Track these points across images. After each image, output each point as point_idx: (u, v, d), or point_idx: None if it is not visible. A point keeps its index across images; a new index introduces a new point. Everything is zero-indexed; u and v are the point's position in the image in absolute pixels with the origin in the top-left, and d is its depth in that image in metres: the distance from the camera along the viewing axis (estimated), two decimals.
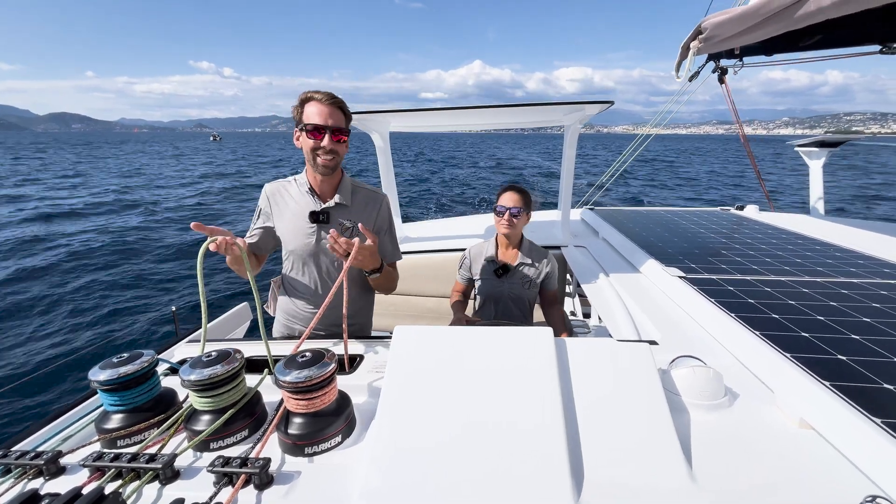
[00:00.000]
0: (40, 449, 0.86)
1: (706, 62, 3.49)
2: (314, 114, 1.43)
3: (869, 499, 0.65)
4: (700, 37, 2.27)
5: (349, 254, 1.28)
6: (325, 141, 1.44)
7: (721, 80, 3.67)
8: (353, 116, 2.38)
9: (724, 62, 3.45)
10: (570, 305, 3.84)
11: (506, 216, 1.94)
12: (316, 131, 1.43)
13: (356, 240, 1.29)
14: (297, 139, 1.50)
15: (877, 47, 2.43)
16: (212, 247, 1.23)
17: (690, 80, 3.52)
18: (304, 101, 1.46)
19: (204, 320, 1.22)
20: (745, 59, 3.11)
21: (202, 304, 1.18)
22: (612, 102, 2.15)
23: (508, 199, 1.96)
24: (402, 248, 2.99)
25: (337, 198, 1.56)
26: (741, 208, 3.60)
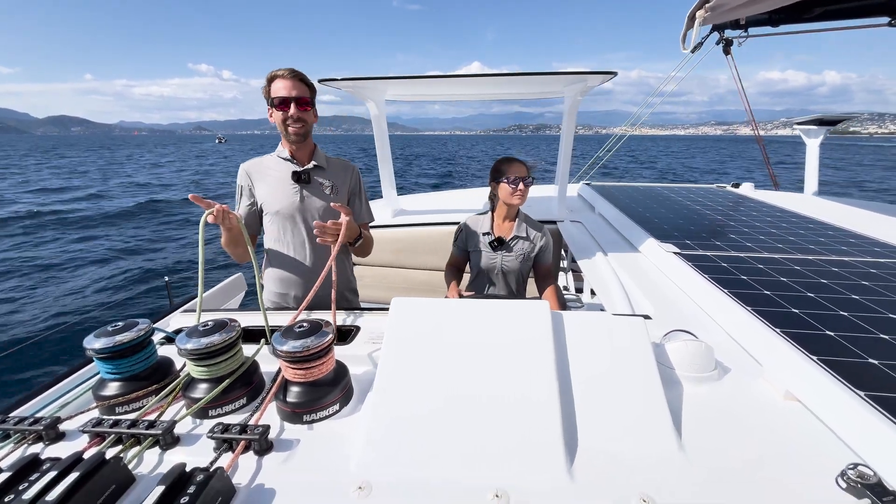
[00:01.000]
0: (38, 415, 0.87)
1: (710, 33, 3.40)
2: (279, 88, 1.55)
3: (850, 466, 0.67)
4: (707, 5, 2.19)
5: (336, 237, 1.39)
6: (292, 110, 1.56)
7: (726, 52, 3.59)
8: (351, 84, 2.34)
9: (728, 33, 3.36)
10: (564, 280, 3.87)
11: (521, 185, 1.90)
12: (283, 104, 1.56)
13: (343, 219, 1.42)
14: (271, 115, 1.63)
15: (885, 19, 2.37)
16: (210, 219, 1.30)
17: (693, 51, 3.44)
18: (270, 80, 1.58)
19: (200, 290, 1.22)
20: (750, 29, 3.03)
21: (200, 275, 1.19)
22: (614, 73, 2.10)
23: (519, 170, 1.91)
24: (398, 220, 2.99)
25: (315, 161, 1.71)
26: (737, 186, 3.60)
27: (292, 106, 1.55)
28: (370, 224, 1.92)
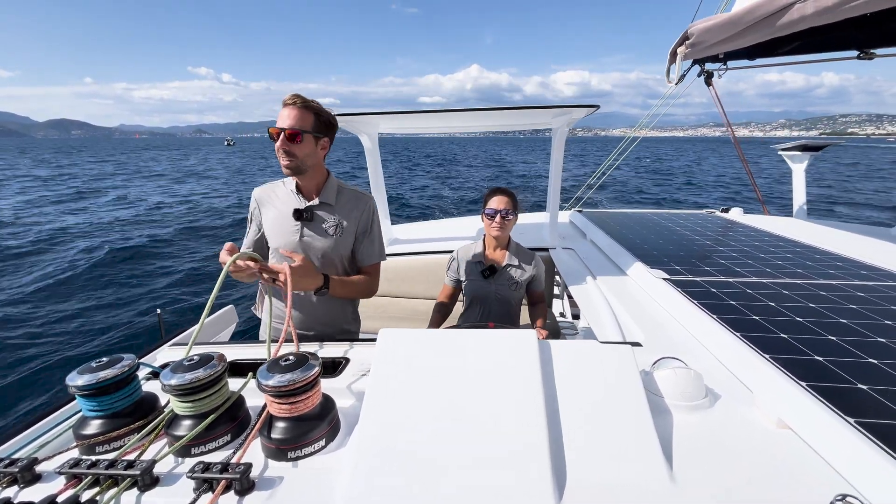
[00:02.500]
0: (15, 456, 0.84)
1: (691, 66, 3.55)
2: (279, 117, 1.47)
3: (839, 497, 0.66)
4: (687, 42, 2.31)
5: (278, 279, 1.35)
6: (279, 141, 1.45)
7: (708, 83, 3.74)
8: (342, 119, 2.39)
9: (709, 66, 3.51)
10: (560, 307, 3.86)
11: (497, 218, 1.97)
12: (276, 134, 1.46)
13: (285, 264, 1.33)
14: None
15: (854, 53, 2.50)
16: (235, 265, 1.28)
17: (677, 83, 3.58)
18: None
19: (201, 323, 1.20)
20: (729, 63, 3.18)
21: (207, 308, 1.18)
22: (597, 106, 2.18)
23: (498, 202, 1.98)
24: (391, 249, 3.01)
25: (321, 196, 1.60)
26: (726, 210, 3.66)
27: (281, 137, 1.45)
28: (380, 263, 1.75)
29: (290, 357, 0.88)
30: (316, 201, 1.59)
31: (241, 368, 1.20)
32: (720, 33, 1.98)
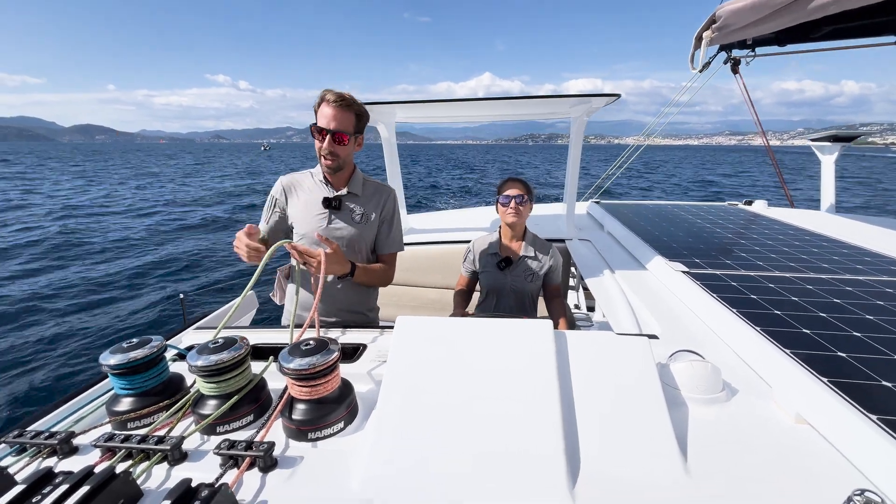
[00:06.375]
0: (54, 429, 0.89)
1: (717, 52, 3.44)
2: (322, 115, 1.51)
3: (857, 492, 0.66)
4: (714, 26, 2.23)
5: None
6: (325, 143, 1.51)
7: (734, 71, 3.61)
8: None
9: (736, 53, 3.39)
10: (575, 298, 3.84)
11: (511, 204, 1.96)
12: (319, 133, 1.51)
13: (320, 249, 1.39)
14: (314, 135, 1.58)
15: (892, 38, 2.38)
16: (287, 246, 1.39)
17: (702, 70, 3.47)
18: (319, 101, 1.53)
19: (237, 303, 1.27)
20: (757, 49, 3.06)
21: (244, 292, 1.26)
22: (618, 95, 2.13)
23: (513, 189, 1.97)
24: (407, 239, 3.02)
25: (349, 187, 1.67)
26: (749, 203, 3.56)
27: (327, 139, 1.50)
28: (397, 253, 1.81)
29: (311, 342, 0.91)
30: (344, 191, 1.66)
31: (262, 352, 1.24)
32: (750, 15, 1.91)
